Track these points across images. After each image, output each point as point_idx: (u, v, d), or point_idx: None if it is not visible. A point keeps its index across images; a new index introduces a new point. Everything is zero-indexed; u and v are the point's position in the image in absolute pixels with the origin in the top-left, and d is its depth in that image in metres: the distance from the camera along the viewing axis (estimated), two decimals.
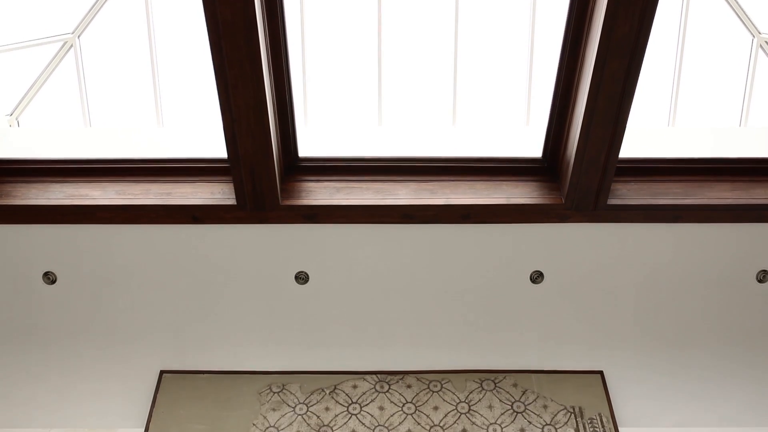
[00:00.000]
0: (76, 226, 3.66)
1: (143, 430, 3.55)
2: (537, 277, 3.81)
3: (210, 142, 4.10)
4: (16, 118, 4.85)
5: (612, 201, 3.55)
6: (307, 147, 3.78)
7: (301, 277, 3.81)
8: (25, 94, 4.87)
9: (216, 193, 3.60)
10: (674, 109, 5.31)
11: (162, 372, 3.78)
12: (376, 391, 3.72)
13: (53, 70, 4.96)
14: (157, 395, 3.68)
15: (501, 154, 3.76)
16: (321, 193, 3.61)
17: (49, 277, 3.80)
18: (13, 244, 3.71)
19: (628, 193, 3.61)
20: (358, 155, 3.73)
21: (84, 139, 4.40)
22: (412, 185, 3.64)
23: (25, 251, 3.74)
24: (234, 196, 3.52)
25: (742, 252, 3.78)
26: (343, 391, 3.71)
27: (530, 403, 3.66)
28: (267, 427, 3.56)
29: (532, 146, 3.77)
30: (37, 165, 3.71)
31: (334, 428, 3.55)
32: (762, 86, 5.20)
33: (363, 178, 3.67)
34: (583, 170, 3.37)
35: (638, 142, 3.97)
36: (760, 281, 3.84)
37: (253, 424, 3.56)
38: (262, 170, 3.37)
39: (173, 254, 3.75)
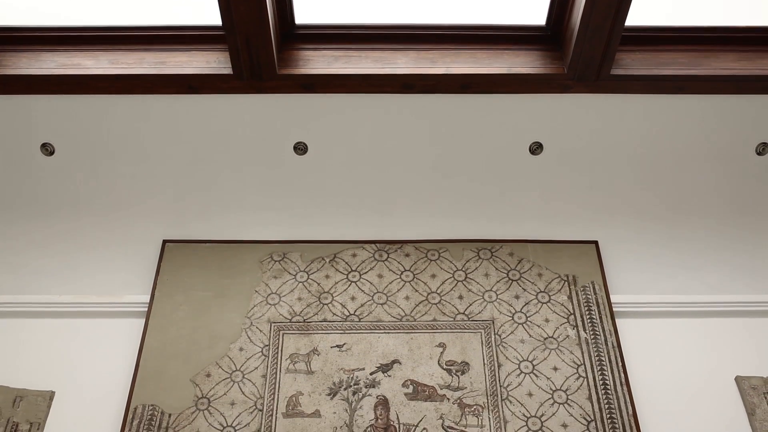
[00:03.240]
0: (70, 96, 3.61)
1: (149, 297, 3.65)
2: (536, 148, 3.80)
3: (206, 8, 3.97)
4: None
5: (615, 71, 3.48)
6: (305, 14, 3.66)
7: (300, 148, 3.79)
8: None
9: (212, 62, 3.52)
10: None
11: (165, 241, 3.84)
12: (375, 259, 3.80)
13: None
14: (161, 263, 3.76)
15: (503, 21, 3.65)
16: (319, 62, 3.53)
17: (47, 149, 3.78)
18: (8, 116, 3.67)
19: (632, 63, 3.53)
20: (356, 22, 3.63)
21: (75, 5, 4.24)
22: (412, 54, 3.56)
23: (22, 123, 3.71)
24: (230, 65, 3.45)
25: (743, 124, 3.75)
26: (343, 260, 3.79)
27: (525, 272, 3.75)
28: (269, 294, 3.66)
29: (536, 14, 3.65)
30: (26, 33, 3.61)
31: (334, 295, 3.66)
32: None
33: (362, 47, 3.59)
34: (587, 38, 3.29)
35: (645, 9, 3.84)
36: (759, 154, 3.84)
37: (256, 291, 3.67)
38: (258, 38, 3.28)
39: (171, 124, 3.72)
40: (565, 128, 3.74)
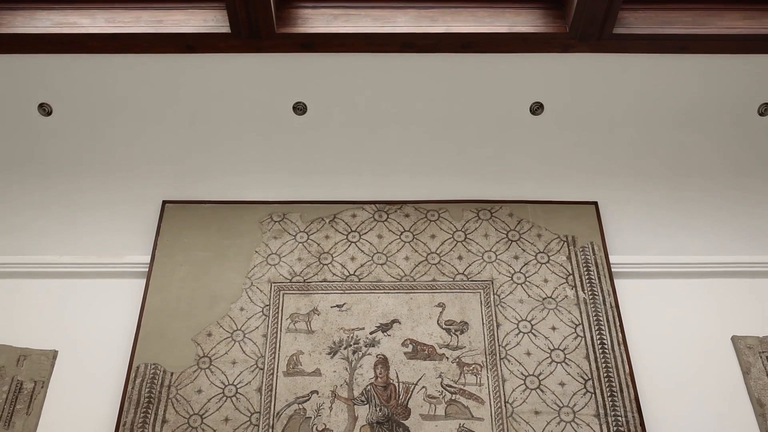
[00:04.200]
0: (67, 56, 3.57)
1: (149, 257, 3.66)
2: (537, 108, 3.78)
3: None
4: None
5: (618, 30, 3.44)
6: None
7: (299, 108, 3.77)
8: None
9: (209, 21, 3.48)
10: None
11: (164, 202, 3.84)
12: (375, 220, 3.80)
13: None
14: (161, 224, 3.76)
15: None
16: (318, 21, 3.49)
17: (45, 109, 3.76)
18: (4, 75, 3.64)
19: (636, 22, 3.49)
20: None
21: None
22: (412, 12, 3.52)
23: (18, 82, 3.68)
24: (228, 24, 3.41)
25: (746, 85, 3.72)
26: (343, 220, 3.80)
27: (525, 232, 3.76)
28: (269, 254, 3.68)
29: None
30: None
31: (334, 255, 3.67)
32: None
33: (361, 5, 3.53)
34: None
35: None
36: (761, 114, 3.82)
37: (256, 252, 3.68)
38: None
39: (169, 85, 3.69)
40: (566, 88, 3.71)
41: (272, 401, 3.24)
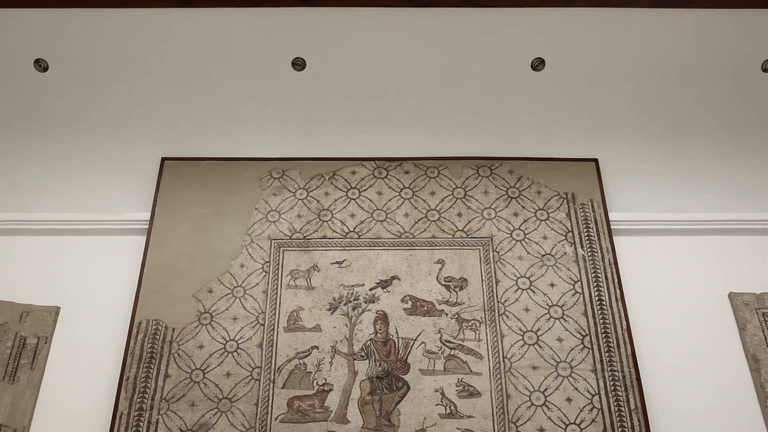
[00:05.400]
0: (61, 10, 3.52)
1: (149, 214, 3.66)
2: (538, 64, 3.74)
3: None
4: None
5: None
6: None
7: (298, 64, 3.73)
8: None
9: None
10: None
11: (164, 159, 3.83)
12: (375, 176, 3.79)
13: None
14: (161, 181, 3.75)
15: None
16: None
17: (41, 65, 3.72)
18: None
19: None
20: None
21: None
22: None
23: (12, 38, 3.63)
24: None
25: (751, 40, 3.67)
26: (342, 177, 3.79)
27: (525, 189, 3.76)
28: (269, 211, 3.68)
29: None
30: None
31: (333, 212, 3.67)
32: None
33: None
34: None
35: None
36: (765, 70, 3.78)
37: (255, 208, 3.68)
38: None
39: (167, 40, 3.64)
40: (567, 44, 3.67)
41: (273, 356, 3.28)
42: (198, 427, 3.12)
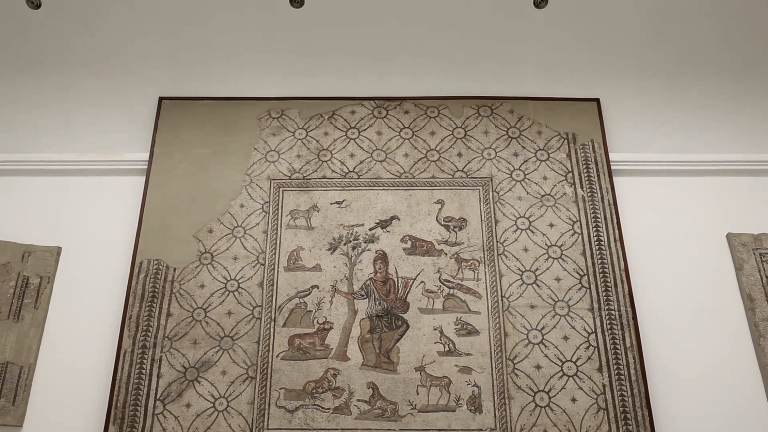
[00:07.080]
0: None
1: (148, 154, 3.65)
2: (540, 1, 3.65)
3: None
4: None
5: None
6: None
7: (297, 0, 3.65)
8: None
9: None
10: None
11: (161, 98, 3.79)
12: (374, 116, 3.76)
13: None
14: (159, 121, 3.72)
15: None
16: None
17: (33, 1, 3.63)
18: None
19: None
20: None
21: None
22: None
23: None
24: None
25: None
26: (342, 117, 3.76)
27: (525, 129, 3.73)
28: (268, 151, 3.66)
29: None
30: None
31: (333, 152, 3.66)
32: None
33: None
34: None
35: None
36: None
37: (254, 149, 3.66)
38: None
39: None
40: None
41: (274, 295, 3.32)
42: (200, 364, 3.18)
